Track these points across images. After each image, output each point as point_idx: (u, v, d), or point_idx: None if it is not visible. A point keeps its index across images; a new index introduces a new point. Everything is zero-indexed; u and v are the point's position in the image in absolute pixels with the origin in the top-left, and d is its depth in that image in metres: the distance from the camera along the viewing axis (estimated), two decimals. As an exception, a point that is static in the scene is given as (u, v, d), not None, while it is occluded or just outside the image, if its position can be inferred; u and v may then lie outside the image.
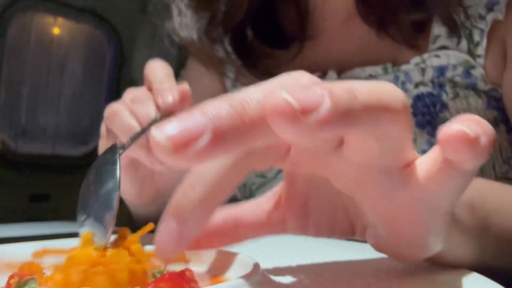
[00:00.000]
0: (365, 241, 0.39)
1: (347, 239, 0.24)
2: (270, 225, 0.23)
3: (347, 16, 0.52)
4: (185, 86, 0.35)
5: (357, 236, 0.23)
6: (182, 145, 0.14)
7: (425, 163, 0.18)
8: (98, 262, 0.18)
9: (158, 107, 0.34)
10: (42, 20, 0.90)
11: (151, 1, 1.00)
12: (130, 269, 0.18)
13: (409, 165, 0.18)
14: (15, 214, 0.85)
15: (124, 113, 0.34)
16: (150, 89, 0.36)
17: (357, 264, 0.25)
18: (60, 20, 0.92)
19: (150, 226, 0.21)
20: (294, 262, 0.26)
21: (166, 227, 0.18)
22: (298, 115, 0.14)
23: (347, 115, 0.14)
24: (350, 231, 0.23)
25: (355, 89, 0.15)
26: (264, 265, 0.22)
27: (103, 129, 0.37)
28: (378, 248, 0.22)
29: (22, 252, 0.28)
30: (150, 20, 1.05)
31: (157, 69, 0.35)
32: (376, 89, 0.16)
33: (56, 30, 0.93)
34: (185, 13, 0.52)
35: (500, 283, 0.21)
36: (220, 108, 0.15)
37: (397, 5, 0.46)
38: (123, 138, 0.33)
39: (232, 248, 0.24)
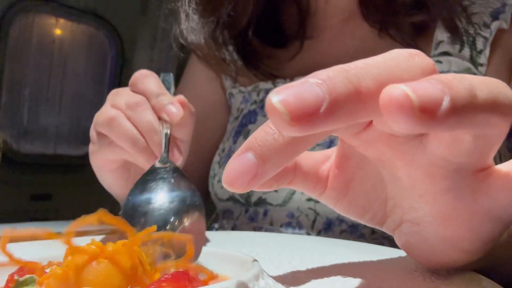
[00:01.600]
0: (366, 241, 0.39)
1: (372, 227, 0.23)
2: (315, 183, 0.22)
3: (348, 16, 0.51)
4: (181, 96, 0.34)
5: (384, 228, 0.23)
6: (298, 117, 0.14)
7: (502, 172, 0.18)
8: (100, 254, 0.18)
9: (158, 117, 0.33)
10: (44, 21, 0.91)
11: (152, 3, 1.01)
12: (132, 262, 0.18)
13: (484, 170, 0.18)
14: (16, 213, 0.85)
15: (124, 120, 0.33)
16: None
17: (357, 264, 0.25)
18: (61, 21, 0.92)
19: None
20: (294, 261, 0.26)
21: (243, 159, 0.17)
22: (416, 111, 0.13)
23: (462, 116, 0.14)
24: (380, 221, 0.22)
25: (475, 88, 0.14)
26: (264, 264, 0.22)
27: (93, 134, 0.36)
28: (407, 246, 0.21)
29: (23, 251, 0.28)
30: (151, 22, 1.06)
31: (148, 80, 0.34)
32: (494, 88, 0.15)
33: (57, 31, 0.93)
34: (192, 18, 0.52)
35: (500, 284, 0.21)
36: (336, 80, 0.14)
37: (398, 6, 0.46)
38: (123, 145, 0.33)
39: (232, 248, 0.24)
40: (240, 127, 0.52)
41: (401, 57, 0.16)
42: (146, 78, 0.34)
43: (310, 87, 0.14)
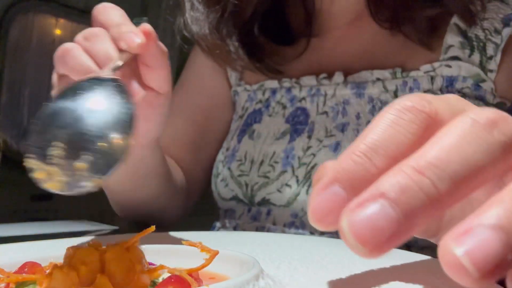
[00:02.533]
0: None
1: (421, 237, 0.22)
2: None
3: (355, 16, 0.50)
4: (147, 25, 0.30)
5: (434, 239, 0.22)
6: (367, 241, 0.13)
7: None
8: (99, 259, 0.18)
9: (119, 49, 0.29)
10: (44, 21, 0.91)
11: (152, 2, 1.01)
12: (129, 266, 0.18)
13: None
14: (16, 213, 0.85)
15: (79, 51, 0.29)
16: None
17: (357, 264, 0.25)
18: (61, 21, 0.93)
19: (151, 228, 0.21)
20: (294, 261, 0.26)
21: (331, 193, 0.16)
22: (476, 278, 0.13)
23: None
24: (432, 233, 0.21)
25: None
26: (264, 264, 0.22)
27: (54, 78, 0.32)
28: None
29: (24, 251, 0.28)
30: (151, 21, 1.06)
31: (111, 11, 0.30)
32: None
33: (57, 31, 0.93)
34: (197, 7, 0.50)
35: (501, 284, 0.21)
36: (409, 193, 0.13)
37: (410, 1, 0.44)
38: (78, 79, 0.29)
39: (232, 248, 0.24)
40: (245, 126, 0.52)
41: (478, 133, 0.15)
42: (108, 10, 0.31)
43: (380, 207, 0.13)
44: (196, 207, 0.58)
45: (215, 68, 0.57)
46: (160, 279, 0.20)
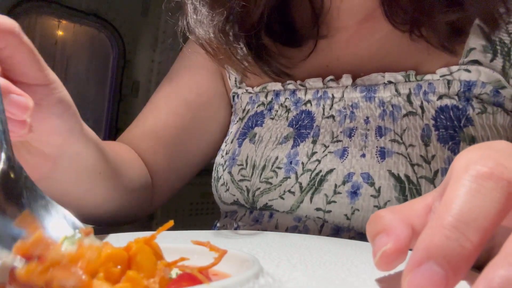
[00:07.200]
0: (361, 240, 0.39)
1: None
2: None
3: (365, 16, 0.48)
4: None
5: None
6: None
7: None
8: (127, 256, 0.18)
9: None
10: (46, 23, 0.91)
11: (153, 4, 1.01)
12: (154, 260, 0.19)
13: None
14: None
15: None
16: None
17: (356, 262, 0.26)
18: (63, 22, 0.93)
19: (170, 223, 0.21)
20: (294, 260, 0.26)
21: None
22: None
23: None
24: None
25: None
26: (264, 263, 0.23)
27: None
28: None
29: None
30: (152, 23, 1.06)
31: None
32: None
33: (59, 33, 0.94)
34: (200, 10, 0.48)
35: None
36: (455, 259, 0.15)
37: (430, 5, 0.42)
38: None
39: (232, 247, 0.24)
40: (246, 129, 0.50)
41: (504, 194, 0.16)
42: None
43: (432, 270, 0.16)
44: (197, 207, 0.57)
45: (209, 68, 0.55)
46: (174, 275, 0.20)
